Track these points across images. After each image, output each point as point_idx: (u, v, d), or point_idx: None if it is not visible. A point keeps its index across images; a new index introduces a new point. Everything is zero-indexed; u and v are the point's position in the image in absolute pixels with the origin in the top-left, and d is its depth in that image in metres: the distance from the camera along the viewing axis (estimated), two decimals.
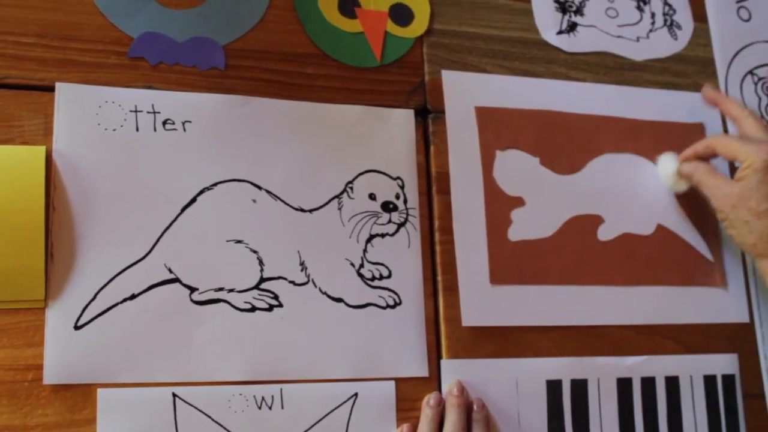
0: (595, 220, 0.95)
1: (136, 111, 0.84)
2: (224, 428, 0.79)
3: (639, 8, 1.07)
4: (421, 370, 0.86)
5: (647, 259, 0.96)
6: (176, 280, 0.81)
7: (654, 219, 0.96)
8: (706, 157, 0.95)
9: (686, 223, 0.98)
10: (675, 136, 0.98)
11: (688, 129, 1.02)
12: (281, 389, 0.82)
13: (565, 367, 0.90)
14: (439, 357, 0.87)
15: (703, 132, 1.03)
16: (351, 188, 0.89)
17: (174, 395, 0.79)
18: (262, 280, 0.84)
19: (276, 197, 0.86)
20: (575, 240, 0.94)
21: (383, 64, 0.94)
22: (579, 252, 0.94)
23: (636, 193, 0.97)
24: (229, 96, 0.87)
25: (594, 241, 0.94)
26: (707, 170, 0.93)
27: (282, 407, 0.81)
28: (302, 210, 0.87)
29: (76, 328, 0.78)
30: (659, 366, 0.94)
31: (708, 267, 0.98)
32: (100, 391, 0.77)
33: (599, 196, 0.96)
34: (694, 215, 0.99)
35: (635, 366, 0.93)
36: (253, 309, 0.83)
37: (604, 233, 0.95)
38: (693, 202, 0.99)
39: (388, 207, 0.89)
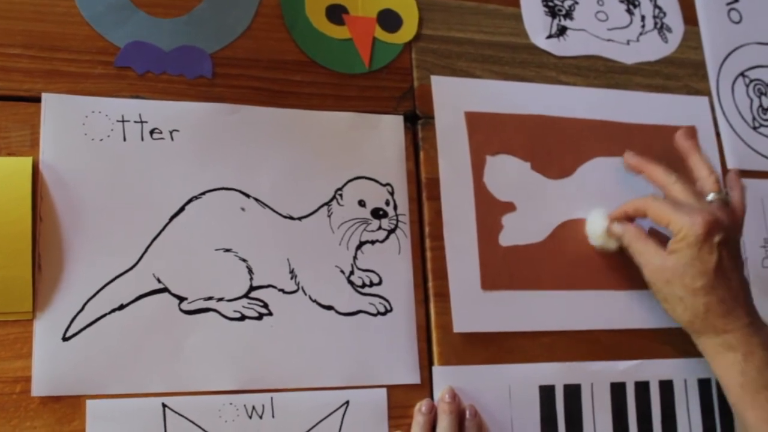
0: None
1: (123, 121, 0.83)
2: None
3: (629, 11, 1.07)
4: (412, 377, 0.86)
5: None
6: (165, 289, 0.81)
7: (646, 222, 0.96)
8: (635, 219, 0.92)
9: None
10: (666, 140, 0.97)
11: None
12: (272, 398, 0.81)
13: (557, 373, 0.90)
14: (430, 364, 0.87)
15: (695, 135, 1.02)
16: (340, 195, 0.88)
17: (164, 405, 0.78)
18: (252, 288, 0.83)
19: (265, 205, 0.86)
20: (567, 245, 0.93)
21: (372, 71, 0.94)
22: (571, 257, 0.93)
23: (627, 197, 0.97)
24: (216, 104, 0.87)
25: (586, 245, 0.94)
26: (637, 234, 0.89)
27: (273, 416, 0.81)
28: (291, 218, 0.86)
29: (65, 339, 0.77)
30: (653, 370, 0.93)
31: None
32: (89, 403, 0.77)
33: (590, 200, 0.96)
34: None
35: (629, 370, 0.92)
36: (243, 318, 0.82)
37: None
38: None
39: (377, 213, 0.89)
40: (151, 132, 0.84)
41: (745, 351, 0.83)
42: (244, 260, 0.84)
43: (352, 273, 0.87)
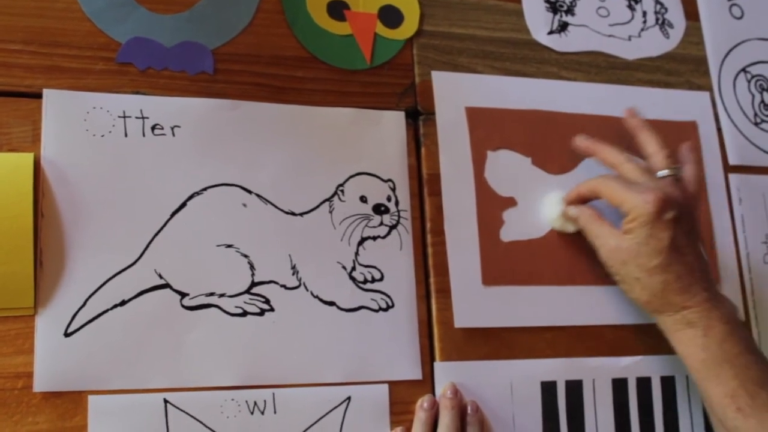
0: None
1: (124, 116, 0.83)
2: None
3: (630, 7, 1.07)
4: (414, 372, 0.86)
5: None
6: (167, 285, 0.81)
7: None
8: (590, 200, 0.91)
9: None
10: (667, 135, 0.97)
11: (681, 127, 1.02)
12: (273, 394, 0.81)
13: (559, 368, 0.90)
14: (432, 359, 0.87)
15: (696, 130, 1.02)
16: (342, 191, 0.88)
17: (165, 401, 0.78)
18: (254, 284, 0.83)
19: (266, 201, 0.86)
20: (568, 240, 0.93)
21: (373, 67, 0.94)
22: (572, 252, 0.93)
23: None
24: (218, 100, 0.87)
25: (587, 240, 0.94)
26: (592, 215, 0.89)
27: (274, 412, 0.81)
28: (293, 213, 0.86)
29: (66, 335, 0.77)
30: (655, 366, 0.93)
31: None
32: (91, 398, 0.77)
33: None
34: None
35: (630, 366, 0.92)
36: (245, 314, 0.82)
37: None
38: None
39: (379, 209, 0.89)
40: (153, 128, 0.84)
41: (705, 326, 0.82)
42: (245, 256, 0.84)
43: (353, 269, 0.87)
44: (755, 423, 0.78)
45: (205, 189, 0.84)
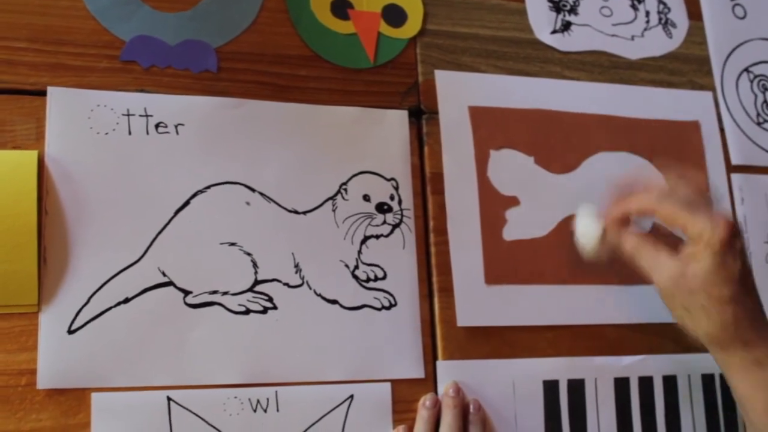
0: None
1: (128, 114, 0.84)
2: None
3: (633, 7, 1.07)
4: (417, 371, 0.86)
5: None
6: (170, 283, 0.81)
7: (650, 217, 0.96)
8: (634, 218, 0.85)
9: None
10: (670, 135, 0.97)
11: (684, 127, 1.02)
12: (276, 392, 0.81)
13: (561, 368, 0.90)
14: (435, 358, 0.87)
15: (698, 130, 1.02)
16: (345, 190, 0.88)
17: (169, 399, 0.78)
18: (257, 282, 0.83)
19: (270, 199, 0.86)
20: (571, 239, 0.93)
21: (376, 66, 0.94)
22: (575, 251, 0.93)
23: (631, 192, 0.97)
24: (221, 98, 0.87)
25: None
26: (644, 240, 0.82)
27: (277, 410, 0.81)
28: (296, 212, 0.86)
29: (70, 332, 0.77)
30: (657, 365, 0.93)
31: None
32: (94, 396, 0.77)
33: (595, 194, 0.95)
34: None
35: (632, 365, 0.92)
36: (248, 312, 0.82)
37: None
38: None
39: (382, 208, 0.89)
40: (157, 126, 0.84)
41: None
42: (248, 254, 0.84)
43: (356, 267, 0.87)
44: None
45: (208, 187, 0.84)
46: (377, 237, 0.88)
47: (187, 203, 0.83)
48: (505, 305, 0.89)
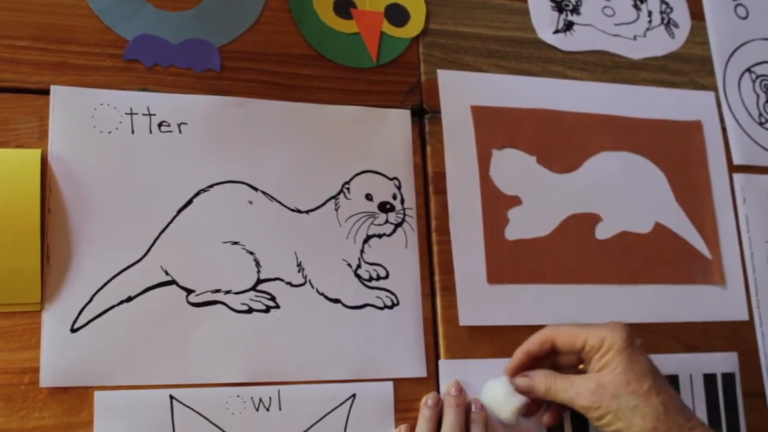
0: (593, 219, 0.95)
1: (131, 113, 0.84)
2: (222, 430, 0.79)
3: (636, 7, 1.07)
4: (419, 370, 0.86)
5: (645, 257, 0.95)
6: (173, 282, 0.81)
7: (652, 217, 0.96)
8: (539, 357, 0.85)
9: (684, 221, 0.98)
10: (672, 134, 0.97)
11: (686, 127, 1.02)
12: (279, 390, 0.81)
13: None
14: (437, 357, 0.87)
15: (700, 130, 1.02)
16: (348, 189, 0.89)
17: (171, 397, 0.78)
18: (259, 281, 0.83)
19: (272, 198, 0.86)
20: (573, 239, 0.93)
21: (379, 65, 0.94)
22: (577, 251, 0.93)
23: (634, 192, 0.97)
24: (224, 97, 0.87)
25: (592, 239, 0.94)
26: (550, 374, 0.83)
27: (280, 409, 0.81)
28: (299, 211, 0.86)
29: (73, 330, 0.77)
30: (658, 364, 0.92)
31: (706, 265, 0.98)
32: (97, 394, 0.77)
33: (597, 194, 0.96)
34: (693, 213, 0.98)
35: None
36: (250, 310, 0.82)
37: (602, 232, 0.95)
38: (692, 200, 0.99)
39: (385, 207, 0.89)
40: (159, 125, 0.84)
41: None
42: (251, 253, 0.84)
43: (359, 266, 0.87)
44: None
45: (211, 186, 0.84)
46: (380, 236, 0.88)
47: (189, 202, 0.83)
48: (507, 305, 0.89)
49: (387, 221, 0.89)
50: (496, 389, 0.85)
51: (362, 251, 0.87)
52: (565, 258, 0.93)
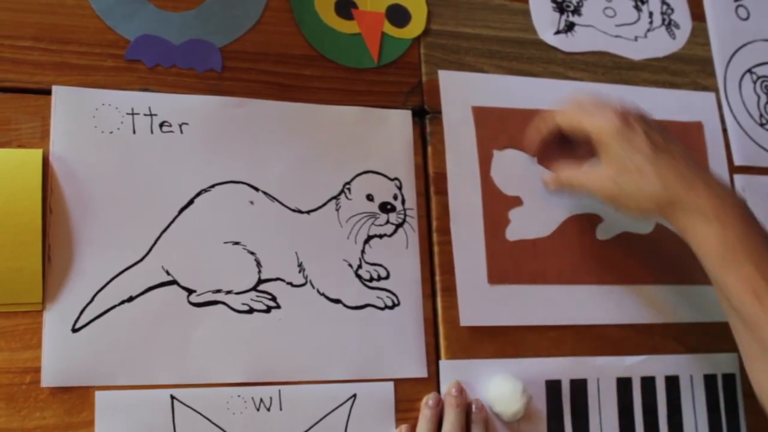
0: (594, 220, 0.95)
1: (132, 113, 0.84)
2: (223, 430, 0.79)
3: (637, 8, 1.07)
4: (419, 370, 0.86)
5: (646, 258, 0.95)
6: (174, 282, 0.81)
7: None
8: (551, 144, 0.92)
9: None
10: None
11: (687, 128, 1.02)
12: (280, 391, 0.81)
13: (564, 367, 0.90)
14: (437, 358, 0.87)
15: (701, 131, 1.02)
16: (348, 189, 0.89)
17: (172, 397, 0.79)
18: (260, 281, 0.84)
19: (273, 199, 0.86)
20: (573, 239, 0.93)
21: (380, 65, 0.94)
22: (577, 251, 0.93)
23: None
24: (226, 98, 0.87)
25: (592, 240, 0.94)
26: (568, 165, 0.90)
27: (280, 409, 0.81)
28: (300, 211, 0.87)
29: (74, 330, 0.78)
30: (659, 365, 0.93)
31: None
32: (98, 394, 0.77)
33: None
34: None
35: (635, 365, 0.92)
36: (251, 311, 0.83)
37: (603, 233, 0.95)
38: None
39: (385, 208, 0.89)
40: (161, 125, 0.84)
41: (721, 218, 0.79)
42: (252, 253, 0.84)
43: (359, 267, 0.87)
44: None
45: (212, 186, 0.84)
46: (380, 236, 0.88)
47: (191, 202, 0.83)
48: (507, 305, 0.89)
49: (388, 222, 0.89)
50: (501, 386, 0.86)
51: (363, 251, 0.88)
52: (565, 258, 0.93)
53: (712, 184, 0.81)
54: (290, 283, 0.85)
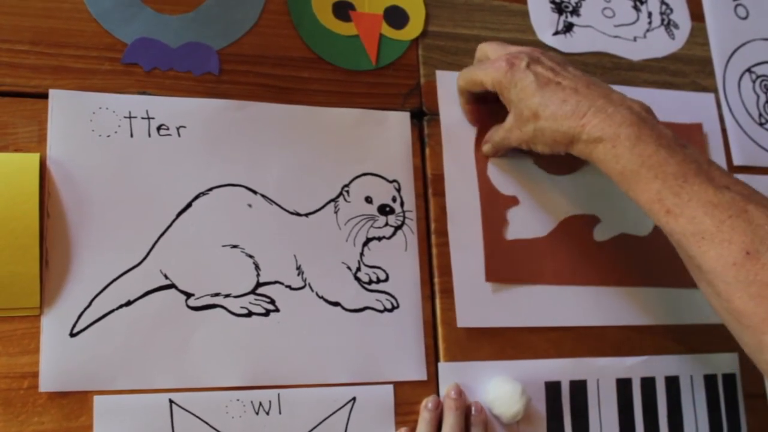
0: (591, 221, 0.95)
1: (130, 117, 0.84)
2: None
3: (636, 8, 1.07)
4: (419, 373, 0.86)
5: (645, 260, 0.95)
6: (172, 285, 0.81)
7: (650, 220, 0.95)
8: (475, 101, 0.93)
9: None
10: None
11: (686, 129, 1.02)
12: (279, 394, 0.81)
13: (563, 368, 0.90)
14: (437, 360, 0.87)
15: (701, 131, 1.02)
16: (347, 192, 0.88)
17: (171, 401, 0.78)
18: (259, 285, 0.83)
19: (272, 201, 0.86)
20: (571, 239, 0.93)
21: (378, 67, 0.94)
22: (575, 251, 0.93)
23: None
24: (223, 101, 0.87)
25: (590, 241, 0.94)
26: (494, 128, 0.91)
27: (279, 412, 0.81)
28: (298, 214, 0.86)
29: (72, 335, 0.77)
30: (659, 366, 0.93)
31: None
32: (96, 398, 0.77)
33: (595, 196, 0.95)
34: None
35: (635, 366, 0.92)
36: (250, 314, 0.82)
37: (600, 234, 0.95)
38: None
39: (384, 210, 0.89)
40: (158, 128, 0.84)
41: (611, 136, 0.77)
42: (250, 256, 0.84)
43: (358, 269, 0.87)
44: (685, 221, 0.73)
45: (210, 189, 0.84)
46: (379, 239, 0.88)
47: (189, 206, 0.83)
48: (506, 306, 0.89)
49: (387, 224, 0.89)
50: (500, 388, 0.86)
51: (362, 254, 0.87)
52: (564, 259, 0.93)
53: (601, 101, 0.79)
54: (289, 286, 0.84)
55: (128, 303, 0.79)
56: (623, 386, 0.92)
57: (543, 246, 0.93)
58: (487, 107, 0.93)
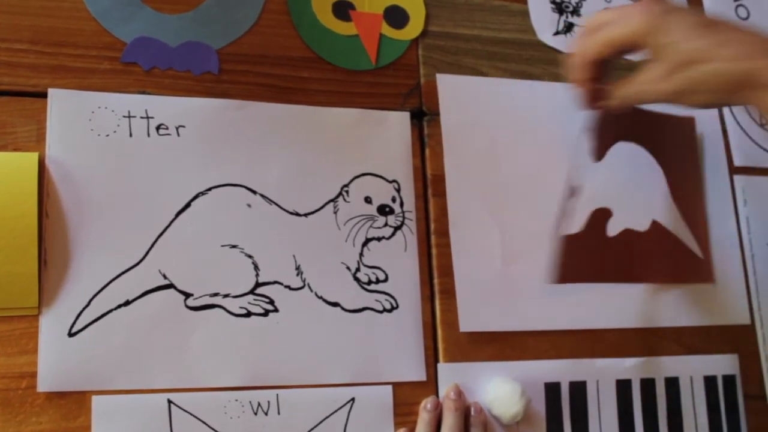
0: (606, 215, 0.95)
1: (129, 116, 0.83)
2: None
3: None
4: (418, 374, 0.86)
5: (644, 255, 0.95)
6: (171, 285, 0.81)
7: (649, 215, 0.95)
8: (601, 68, 0.86)
9: (679, 220, 0.97)
10: (666, 130, 0.97)
11: (678, 121, 1.01)
12: (277, 395, 0.81)
13: (563, 370, 0.90)
14: (436, 361, 0.87)
15: (693, 126, 1.02)
16: (347, 192, 0.88)
17: (169, 401, 0.78)
18: (258, 285, 0.83)
19: (271, 201, 0.86)
20: (574, 240, 0.93)
21: (378, 67, 0.94)
22: (577, 252, 0.93)
23: (634, 189, 0.96)
24: (223, 100, 0.87)
25: (590, 240, 0.94)
26: (621, 84, 0.84)
27: (278, 413, 0.81)
28: (297, 214, 0.86)
29: (70, 335, 0.77)
30: (659, 367, 0.93)
31: (697, 264, 0.97)
32: (94, 398, 0.77)
33: (596, 195, 0.95)
34: (687, 211, 0.98)
35: (635, 367, 0.92)
36: (249, 314, 0.82)
37: (612, 228, 0.95)
38: (686, 199, 0.98)
39: (384, 210, 0.89)
40: (158, 128, 0.84)
41: None
42: (250, 256, 0.84)
43: (358, 270, 0.87)
44: None
45: (209, 189, 0.84)
46: (379, 239, 0.88)
47: (188, 205, 0.83)
48: (509, 310, 0.89)
49: (386, 224, 0.89)
50: (500, 389, 0.85)
51: (361, 254, 0.87)
52: (564, 259, 0.92)
53: None
54: (288, 287, 0.84)
55: (127, 303, 0.79)
56: (623, 387, 0.91)
57: (585, 242, 0.93)
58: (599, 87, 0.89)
